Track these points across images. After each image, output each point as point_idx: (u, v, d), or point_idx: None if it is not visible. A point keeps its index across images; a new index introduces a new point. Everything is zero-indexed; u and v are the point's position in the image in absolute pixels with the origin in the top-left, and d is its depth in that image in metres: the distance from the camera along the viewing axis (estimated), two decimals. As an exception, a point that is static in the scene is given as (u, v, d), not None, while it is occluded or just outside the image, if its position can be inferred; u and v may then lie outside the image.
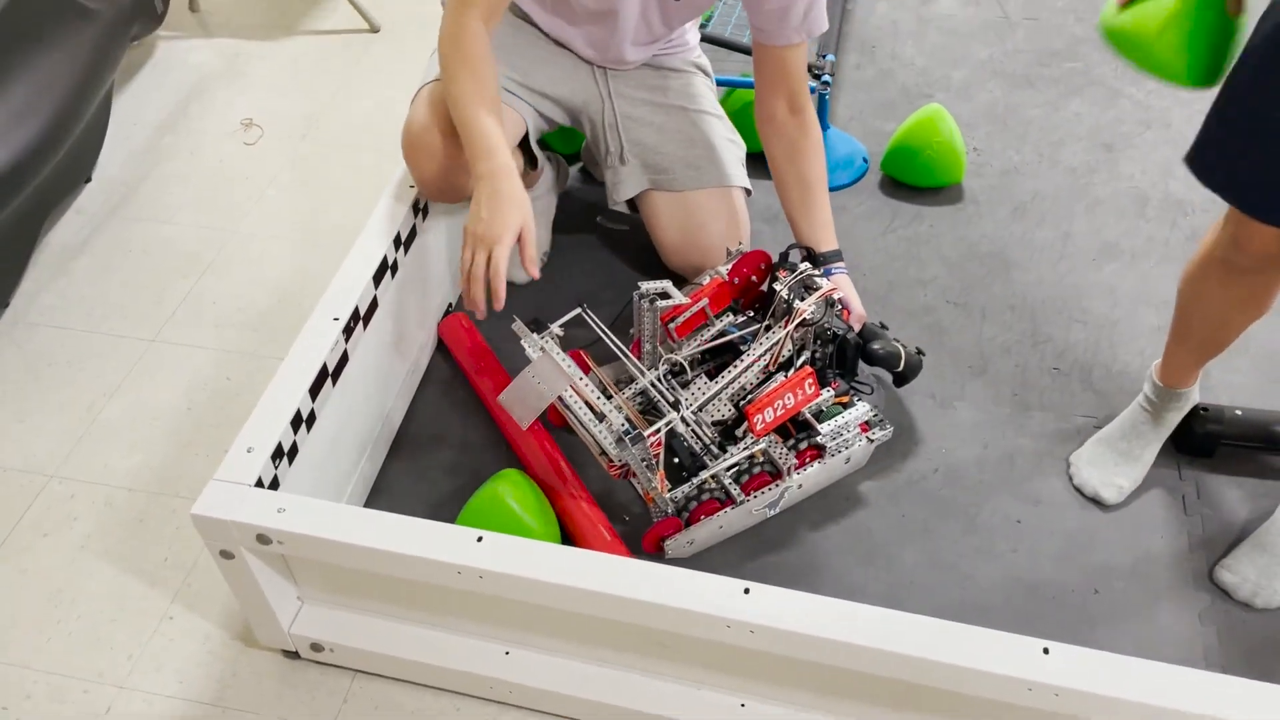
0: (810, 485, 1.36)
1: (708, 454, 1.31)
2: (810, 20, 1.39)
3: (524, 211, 1.25)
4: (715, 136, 1.59)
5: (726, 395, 1.36)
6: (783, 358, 1.35)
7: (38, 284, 1.79)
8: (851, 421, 1.34)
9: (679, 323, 1.38)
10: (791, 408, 1.28)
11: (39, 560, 1.40)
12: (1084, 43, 2.15)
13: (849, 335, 1.37)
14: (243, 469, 1.15)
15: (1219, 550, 1.32)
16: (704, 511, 1.29)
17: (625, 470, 1.29)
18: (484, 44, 1.31)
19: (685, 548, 1.31)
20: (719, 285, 1.39)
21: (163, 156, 2.06)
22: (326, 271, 1.78)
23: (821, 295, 1.32)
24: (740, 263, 1.41)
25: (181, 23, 2.42)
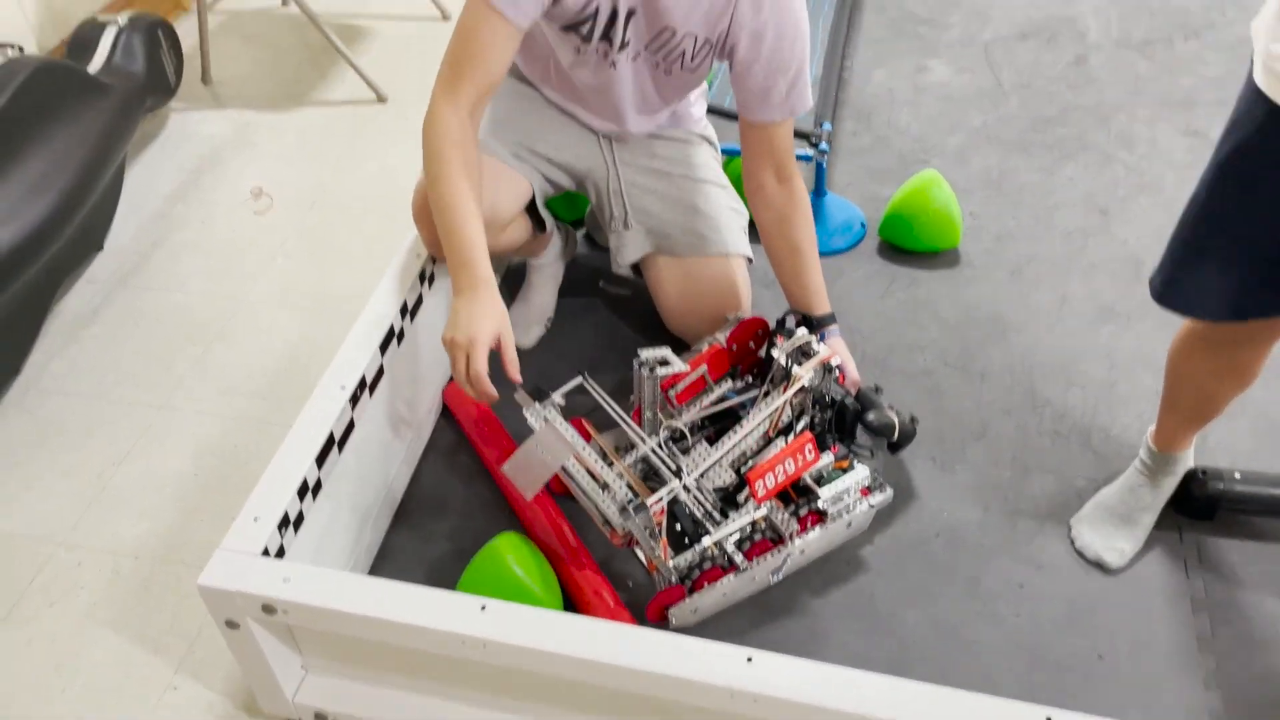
0: (813, 550, 1.37)
1: (710, 520, 1.32)
2: (793, 99, 1.42)
3: (498, 320, 1.29)
4: (718, 206, 1.62)
5: (727, 461, 1.37)
6: (782, 423, 1.36)
7: (49, 352, 1.82)
8: (852, 486, 1.35)
9: (679, 390, 1.39)
10: (792, 473, 1.30)
11: (45, 628, 1.40)
12: (1076, 109, 2.19)
13: (847, 400, 1.38)
14: (249, 538, 1.16)
15: (1223, 613, 1.32)
16: (708, 579, 1.29)
17: (629, 539, 1.30)
18: (468, 141, 1.34)
19: (690, 616, 1.31)
20: (717, 352, 1.41)
21: (174, 225, 2.10)
22: (334, 338, 1.80)
23: (819, 361, 1.34)
24: (738, 329, 1.43)
25: (194, 95, 2.48)
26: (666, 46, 1.42)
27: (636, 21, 1.40)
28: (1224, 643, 1.29)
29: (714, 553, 1.30)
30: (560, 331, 1.75)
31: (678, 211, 1.61)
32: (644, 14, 1.38)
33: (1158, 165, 2.03)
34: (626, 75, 1.48)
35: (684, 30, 1.39)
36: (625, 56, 1.45)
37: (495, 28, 1.32)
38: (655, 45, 1.42)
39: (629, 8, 1.38)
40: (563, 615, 1.10)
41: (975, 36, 2.44)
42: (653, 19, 1.39)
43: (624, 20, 1.40)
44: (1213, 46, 2.35)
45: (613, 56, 1.45)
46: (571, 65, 1.50)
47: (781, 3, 1.35)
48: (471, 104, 1.34)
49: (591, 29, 1.41)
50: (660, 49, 1.43)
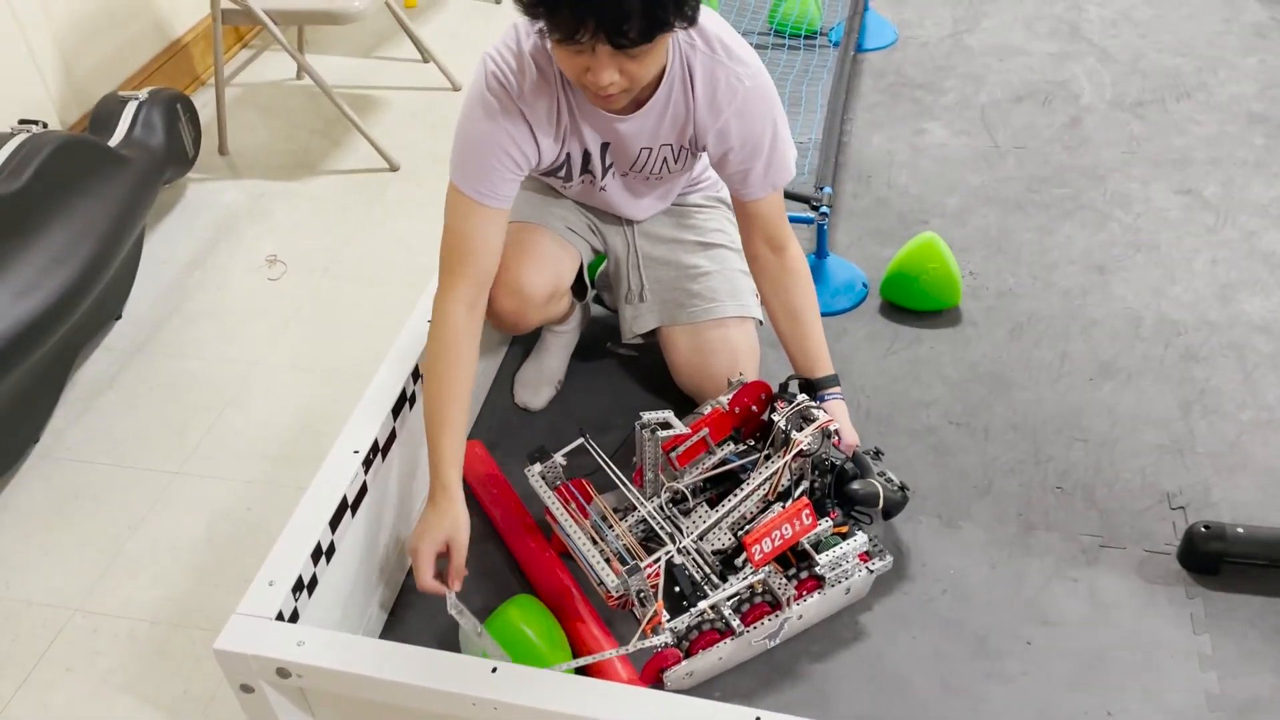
0: (811, 616, 1.38)
1: (708, 583, 1.33)
2: (772, 175, 1.45)
3: (452, 530, 1.32)
4: (730, 269, 1.65)
5: (726, 524, 1.39)
6: (781, 487, 1.38)
7: (66, 420, 1.85)
8: (850, 552, 1.35)
9: (680, 452, 1.42)
10: (789, 538, 1.31)
11: (62, 694, 1.42)
12: (1071, 170, 2.24)
13: (846, 466, 1.40)
14: (264, 603, 1.18)
15: (1230, 669, 1.32)
16: (703, 643, 1.30)
17: (624, 601, 1.31)
18: (463, 341, 1.39)
19: (684, 679, 1.31)
20: (719, 415, 1.44)
21: (190, 293, 2.15)
22: (346, 403, 1.83)
23: (818, 426, 1.36)
24: (740, 393, 1.46)
25: (211, 165, 2.55)
26: (646, 165, 1.48)
27: (612, 150, 1.46)
28: (1232, 699, 1.29)
29: (711, 616, 1.31)
30: (570, 390, 1.78)
31: (690, 278, 1.64)
32: (615, 145, 1.45)
33: (1153, 224, 2.07)
34: (618, 190, 1.56)
35: (657, 145, 1.44)
36: (612, 178, 1.52)
37: (479, 217, 1.39)
38: (636, 166, 1.49)
39: (600, 143, 1.44)
40: (572, 678, 1.11)
41: (971, 99, 2.49)
42: (624, 148, 1.45)
43: (599, 155, 1.46)
44: (1204, 107, 2.40)
45: (600, 183, 1.52)
46: (564, 191, 1.60)
47: (738, 95, 1.38)
48: (472, 297, 1.41)
49: (569, 171, 1.49)
50: (641, 168, 1.49)
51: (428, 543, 1.32)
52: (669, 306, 1.66)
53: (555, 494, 1.43)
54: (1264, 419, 1.65)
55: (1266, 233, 2.02)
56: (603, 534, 1.37)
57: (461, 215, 1.39)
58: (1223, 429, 1.64)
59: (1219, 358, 1.76)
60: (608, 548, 1.34)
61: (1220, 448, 1.61)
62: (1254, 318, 1.83)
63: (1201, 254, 1.98)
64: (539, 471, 1.45)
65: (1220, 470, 1.57)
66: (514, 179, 1.39)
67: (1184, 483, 1.56)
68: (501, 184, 1.38)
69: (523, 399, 1.77)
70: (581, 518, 1.39)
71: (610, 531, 1.36)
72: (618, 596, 1.30)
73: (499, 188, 1.37)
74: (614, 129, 1.40)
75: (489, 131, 1.35)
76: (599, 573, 1.31)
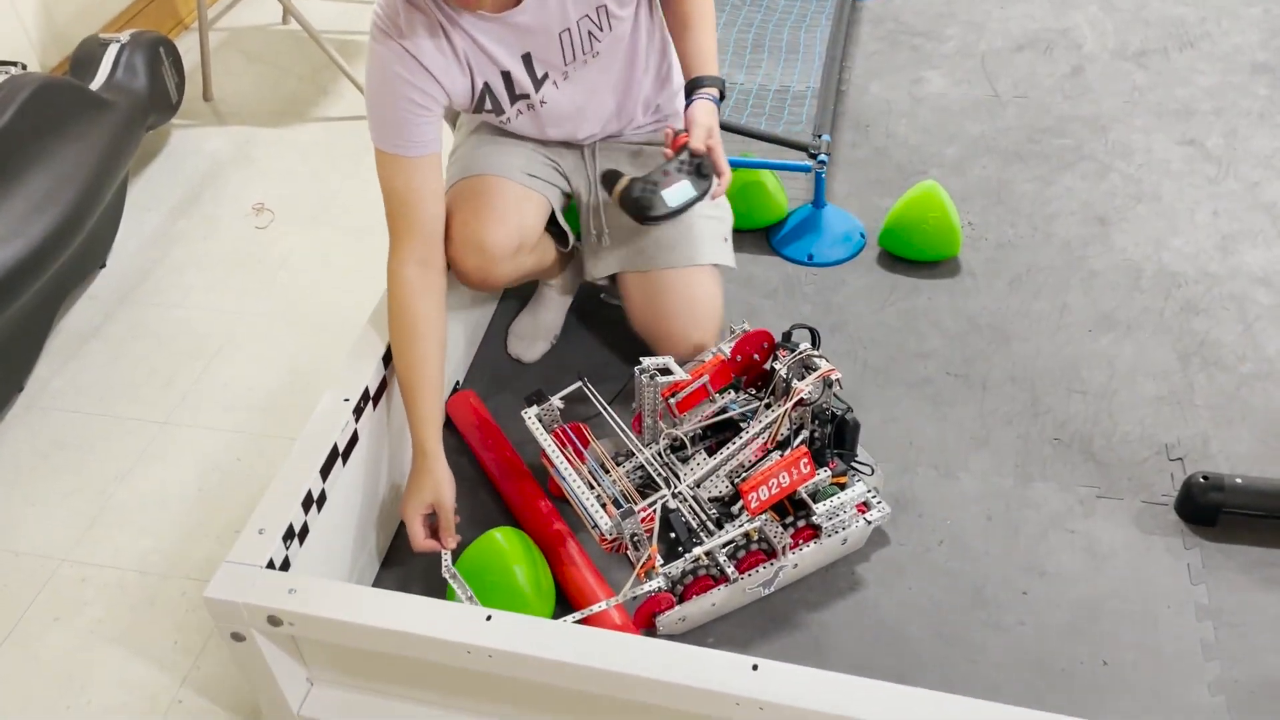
0: (806, 565, 1.37)
1: (704, 530, 1.32)
2: None
3: (435, 492, 1.34)
4: (691, 214, 1.59)
5: (724, 472, 1.37)
6: (781, 436, 1.36)
7: (51, 369, 1.83)
8: (848, 502, 1.34)
9: (679, 398, 1.40)
10: (786, 487, 1.30)
11: (50, 645, 1.40)
12: (1072, 120, 2.20)
13: (848, 416, 1.38)
14: (254, 551, 1.16)
15: (1227, 619, 1.32)
16: (697, 589, 1.29)
17: (618, 544, 1.30)
18: (420, 300, 1.38)
19: (677, 624, 1.31)
20: (720, 363, 1.42)
21: (176, 241, 2.11)
22: (336, 352, 1.81)
23: (820, 375, 1.34)
24: (742, 341, 1.44)
25: (196, 111, 2.49)
26: (577, 49, 1.42)
27: (536, 58, 1.40)
28: (1228, 649, 1.29)
29: (705, 563, 1.30)
30: (565, 345, 1.76)
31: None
32: (535, 49, 1.39)
33: (1155, 174, 2.04)
34: (563, 104, 1.49)
35: (575, 19, 1.38)
36: (553, 87, 1.45)
37: (408, 170, 1.36)
38: (568, 58, 1.42)
39: (520, 54, 1.38)
40: (568, 625, 1.10)
41: (972, 48, 2.45)
42: (542, 44, 1.38)
43: (523, 71, 1.40)
44: (1207, 56, 2.36)
45: (537, 98, 1.46)
46: (510, 127, 1.53)
47: None
48: (423, 254, 1.39)
49: (496, 102, 1.43)
50: (574, 57, 1.42)
51: (413, 507, 1.33)
52: (628, 252, 1.61)
53: (551, 437, 1.41)
54: (1263, 371, 1.64)
55: (1269, 184, 2.00)
56: (599, 479, 1.36)
57: (391, 173, 1.36)
58: (1222, 381, 1.63)
59: (1219, 309, 1.75)
60: (604, 493, 1.32)
61: (1219, 399, 1.60)
62: (1255, 269, 1.82)
63: (1203, 205, 1.95)
64: (535, 414, 1.43)
65: (1219, 422, 1.56)
66: (428, 122, 1.35)
67: (1182, 434, 1.55)
68: (416, 130, 1.34)
69: (516, 351, 1.74)
70: (578, 461, 1.38)
71: (606, 477, 1.34)
72: (611, 539, 1.29)
73: (415, 134, 1.34)
74: (516, 28, 1.34)
75: (386, 81, 1.32)
76: (593, 515, 1.30)
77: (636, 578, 1.25)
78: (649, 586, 1.25)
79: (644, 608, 1.29)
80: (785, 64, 2.41)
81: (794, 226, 1.93)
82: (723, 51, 2.46)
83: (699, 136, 1.41)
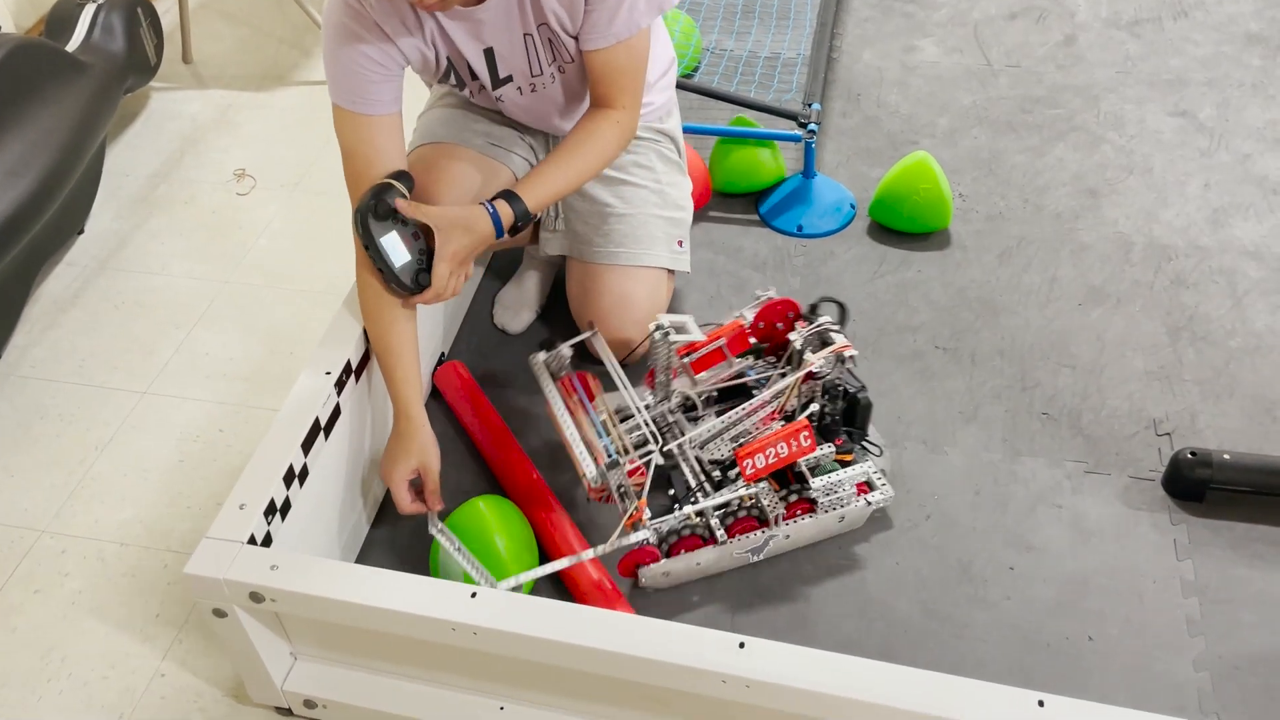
0: (800, 538, 1.37)
1: (701, 491, 1.32)
2: (618, 24, 1.31)
3: (420, 456, 1.33)
4: (643, 213, 1.56)
5: (729, 436, 1.37)
6: (790, 408, 1.36)
7: (29, 337, 1.80)
8: (846, 480, 1.33)
9: (695, 358, 1.39)
10: (784, 457, 1.29)
11: (30, 617, 1.39)
12: (1065, 90, 2.18)
13: (860, 395, 1.37)
14: (235, 527, 1.15)
15: (1212, 595, 1.32)
16: (684, 547, 1.30)
17: (604, 494, 1.30)
18: None
19: (660, 579, 1.32)
20: (739, 328, 1.40)
21: (155, 207, 2.07)
22: (319, 322, 1.79)
23: (834, 350, 1.32)
24: (766, 309, 1.41)
25: (175, 75, 2.44)
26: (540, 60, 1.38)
27: (501, 57, 1.36)
28: (1213, 624, 1.29)
29: (695, 522, 1.30)
30: (552, 313, 1.74)
31: (598, 215, 1.57)
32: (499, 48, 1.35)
33: (1147, 146, 2.02)
34: (519, 108, 1.47)
35: (536, 25, 1.33)
36: (515, 92, 1.43)
37: (366, 128, 1.32)
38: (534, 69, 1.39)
39: (482, 49, 1.35)
40: (554, 602, 1.09)
41: (964, 16, 2.42)
42: (507, 45, 1.35)
43: (484, 64, 1.37)
44: (1201, 26, 2.34)
45: (494, 94, 1.43)
46: (476, 100, 1.51)
47: None
48: None
49: (458, 77, 1.41)
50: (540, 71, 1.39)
51: (400, 472, 1.32)
52: (575, 239, 1.59)
53: (558, 385, 1.40)
54: (1252, 345, 1.63)
55: (1261, 156, 1.98)
56: (600, 433, 1.34)
57: (348, 131, 1.33)
58: (1211, 355, 1.62)
59: (1209, 283, 1.74)
60: (599, 447, 1.31)
61: (1208, 374, 1.59)
62: (1245, 243, 1.81)
63: (1195, 178, 1.94)
64: (543, 360, 1.41)
65: (1207, 397, 1.56)
66: (386, 81, 1.31)
67: (1171, 409, 1.55)
68: (376, 89, 1.31)
69: (501, 321, 1.72)
70: (579, 410, 1.37)
71: (609, 434, 1.33)
72: (597, 488, 1.29)
73: (375, 93, 1.31)
74: (478, 24, 1.31)
75: (343, 38, 1.28)
76: (581, 461, 1.29)
77: (623, 528, 1.25)
78: (636, 537, 1.25)
79: (629, 557, 1.29)
80: (776, 31, 2.37)
81: (783, 197, 1.91)
82: (712, 17, 2.42)
83: (442, 241, 1.31)
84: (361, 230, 1.30)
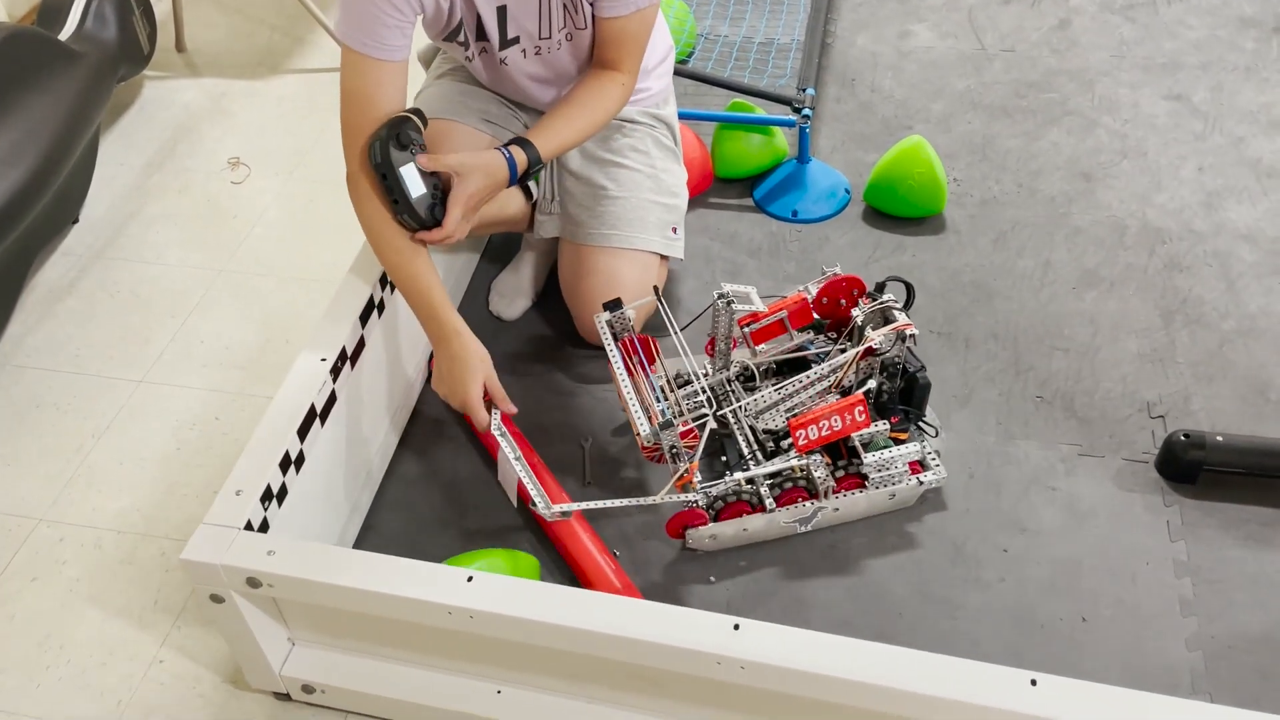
0: (849, 513, 1.38)
1: (754, 459, 1.34)
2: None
3: (482, 369, 1.34)
4: (637, 197, 1.57)
5: (784, 408, 1.38)
6: (847, 383, 1.36)
7: (24, 326, 1.80)
8: (899, 458, 1.33)
9: (754, 329, 1.41)
10: (838, 431, 1.29)
11: (28, 605, 1.39)
12: (1059, 74, 2.18)
13: (919, 374, 1.37)
14: (232, 512, 1.15)
15: (1205, 575, 1.33)
16: (732, 513, 1.31)
17: (658, 455, 1.31)
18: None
19: (707, 542, 1.33)
20: (801, 301, 1.41)
21: (150, 196, 2.07)
22: (314, 309, 1.79)
23: (894, 328, 1.32)
24: (830, 284, 1.41)
25: (168, 63, 2.44)
26: (552, 23, 1.39)
27: (513, 16, 1.37)
28: (1205, 605, 1.30)
29: (746, 489, 1.31)
30: (548, 301, 1.74)
31: (592, 198, 1.57)
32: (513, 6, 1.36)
33: (1141, 130, 2.03)
34: (521, 71, 1.47)
35: None
36: (519, 54, 1.43)
37: (375, 72, 1.32)
38: (543, 30, 1.39)
39: (495, 6, 1.36)
40: (548, 585, 1.10)
41: (959, 0, 2.42)
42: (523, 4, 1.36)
43: (494, 21, 1.38)
44: (1195, 10, 2.34)
45: (499, 55, 1.43)
46: (472, 71, 1.51)
47: None
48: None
49: (465, 35, 1.41)
50: (549, 32, 1.40)
51: (475, 389, 1.33)
52: (569, 221, 1.60)
53: (619, 345, 1.40)
54: (1245, 328, 1.64)
55: (1254, 140, 1.99)
56: (659, 397, 1.34)
57: (354, 73, 1.32)
58: (1204, 338, 1.63)
59: (1203, 267, 1.74)
60: (655, 408, 1.31)
61: (1201, 357, 1.60)
62: (1239, 226, 1.81)
63: (1188, 161, 1.94)
64: (607, 319, 1.42)
65: (1201, 379, 1.57)
66: (401, 27, 1.31)
67: (1164, 391, 1.55)
68: (389, 34, 1.30)
69: (497, 308, 1.73)
70: (640, 371, 1.37)
71: (665, 400, 1.34)
72: (650, 446, 1.30)
73: (387, 38, 1.30)
74: None
75: None
76: (637, 420, 1.30)
77: (673, 488, 1.27)
78: (685, 497, 1.27)
79: (677, 518, 1.30)
80: (770, 15, 2.37)
81: (778, 183, 1.91)
82: (706, 2, 2.41)
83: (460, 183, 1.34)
84: (380, 158, 1.29)
